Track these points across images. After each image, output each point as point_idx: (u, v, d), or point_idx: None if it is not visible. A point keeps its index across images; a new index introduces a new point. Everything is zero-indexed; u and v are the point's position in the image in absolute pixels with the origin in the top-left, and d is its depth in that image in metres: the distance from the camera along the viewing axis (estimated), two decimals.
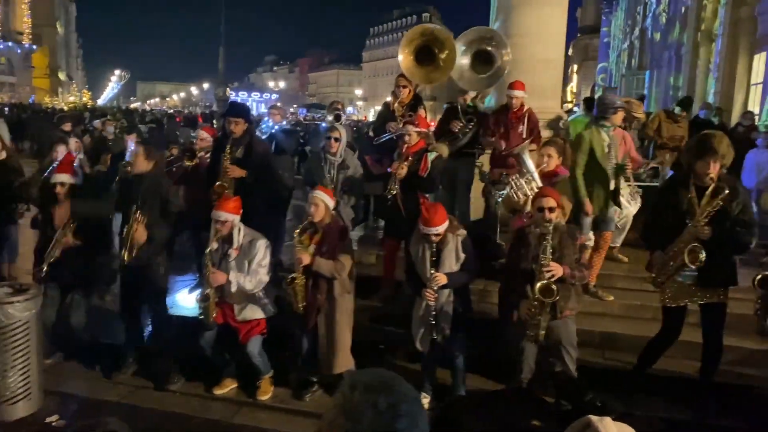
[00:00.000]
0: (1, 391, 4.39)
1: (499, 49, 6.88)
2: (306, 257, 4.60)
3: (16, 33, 47.64)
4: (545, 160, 5.31)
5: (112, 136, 10.85)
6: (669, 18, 22.12)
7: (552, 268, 4.18)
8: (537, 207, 4.41)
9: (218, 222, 4.66)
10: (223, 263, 4.73)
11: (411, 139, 5.54)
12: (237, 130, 5.74)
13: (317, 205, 4.68)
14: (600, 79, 39.47)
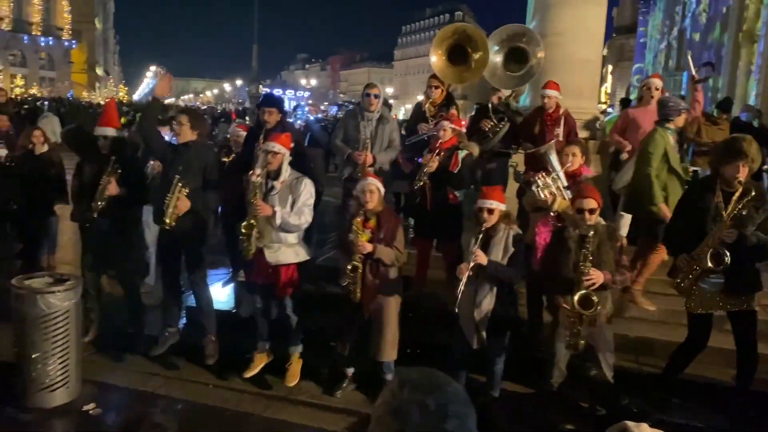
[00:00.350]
0: (41, 379, 4.49)
1: (532, 47, 6.80)
2: (368, 245, 4.55)
3: (56, 29, 48.76)
4: (570, 159, 5.24)
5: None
6: (709, 18, 21.63)
7: (593, 277, 4.09)
8: (577, 208, 4.29)
9: (270, 153, 4.68)
10: (267, 198, 4.72)
11: (445, 134, 5.51)
12: (271, 120, 5.78)
13: (372, 192, 4.63)
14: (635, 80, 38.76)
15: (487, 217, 4.43)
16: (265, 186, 4.75)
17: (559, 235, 4.42)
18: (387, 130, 6.03)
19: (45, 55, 48.51)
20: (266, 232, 4.77)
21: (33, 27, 45.99)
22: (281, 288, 4.86)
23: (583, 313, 4.09)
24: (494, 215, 4.45)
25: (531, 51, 6.74)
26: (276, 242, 4.78)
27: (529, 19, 8.45)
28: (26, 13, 45.44)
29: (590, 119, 7.68)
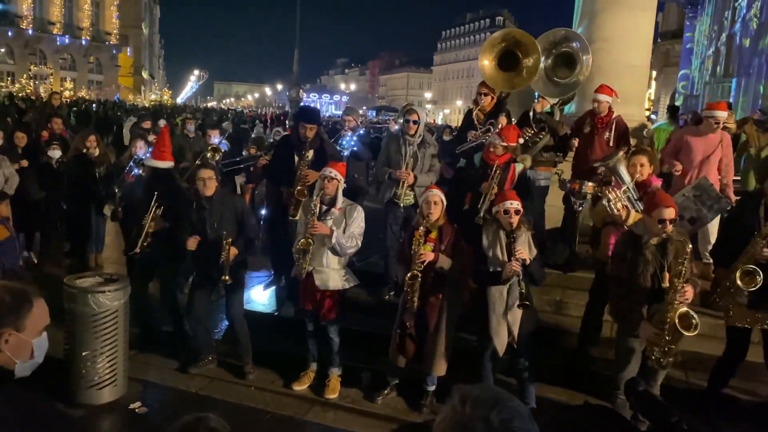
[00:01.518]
0: (90, 376, 4.61)
1: (580, 52, 6.63)
2: (431, 254, 4.55)
3: (104, 34, 50.19)
4: (638, 169, 5.09)
5: (193, 134, 11.29)
6: (761, 23, 20.99)
7: (687, 293, 3.93)
8: (658, 218, 4.07)
9: (326, 179, 4.79)
10: (321, 221, 4.80)
11: (497, 151, 5.44)
12: (311, 135, 5.88)
13: (435, 203, 4.62)
14: (681, 87, 37.89)
15: (514, 217, 4.42)
16: (319, 209, 4.84)
17: (635, 245, 4.22)
18: (428, 154, 6.04)
19: (93, 59, 49.96)
20: (317, 255, 4.86)
21: (83, 32, 47.44)
22: (325, 312, 4.96)
23: (681, 330, 3.93)
24: (518, 216, 4.46)
25: (579, 56, 6.60)
26: (325, 267, 4.87)
27: (576, 24, 8.33)
28: (77, 19, 46.89)
29: (637, 126, 7.52)
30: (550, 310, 5.89)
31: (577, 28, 8.15)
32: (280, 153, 6.32)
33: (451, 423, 1.15)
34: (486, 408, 1.14)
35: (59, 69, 45.88)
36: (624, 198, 4.93)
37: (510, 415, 1.14)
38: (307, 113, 6.40)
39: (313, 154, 5.83)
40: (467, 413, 1.14)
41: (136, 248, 5.29)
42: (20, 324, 1.89)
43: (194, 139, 10.76)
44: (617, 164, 5.21)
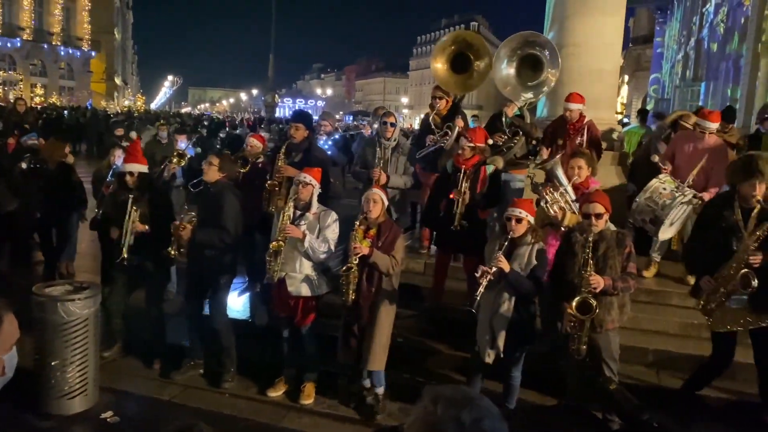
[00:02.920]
0: (60, 386, 4.53)
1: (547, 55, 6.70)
2: (365, 248, 4.58)
3: (76, 39, 49.42)
4: (576, 171, 5.20)
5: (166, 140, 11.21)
6: (727, 28, 21.46)
7: (593, 282, 4.10)
8: (584, 213, 4.33)
9: (302, 183, 4.80)
10: (295, 225, 4.80)
11: (465, 153, 5.49)
12: (298, 136, 5.94)
13: (375, 201, 4.68)
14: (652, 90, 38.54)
15: (515, 226, 4.42)
16: (293, 214, 4.83)
17: (567, 240, 4.41)
18: (401, 159, 6.12)
19: (65, 64, 49.19)
20: (289, 260, 4.85)
21: (53, 37, 46.68)
22: (300, 319, 4.96)
23: (582, 318, 4.10)
24: (522, 225, 4.44)
25: (545, 58, 6.67)
26: (297, 272, 4.86)
27: (547, 29, 8.43)
28: (47, 24, 46.10)
29: (607, 130, 7.62)
30: None
31: (548, 33, 8.24)
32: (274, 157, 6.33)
33: (422, 423, 1.16)
34: (457, 408, 1.16)
35: (29, 75, 45.06)
36: (560, 199, 5.04)
37: (481, 415, 1.16)
38: (297, 114, 6.51)
39: (302, 156, 5.89)
40: (438, 413, 1.16)
41: (122, 254, 5.21)
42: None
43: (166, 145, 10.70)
44: (554, 167, 5.33)
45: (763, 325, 4.33)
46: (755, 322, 4.33)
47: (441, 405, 1.16)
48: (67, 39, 48.34)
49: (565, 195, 5.14)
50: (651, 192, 5.62)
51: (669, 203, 5.49)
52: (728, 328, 4.42)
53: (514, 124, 6.56)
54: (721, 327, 4.44)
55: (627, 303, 4.41)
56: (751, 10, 18.04)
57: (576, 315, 4.13)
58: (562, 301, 4.34)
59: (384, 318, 4.74)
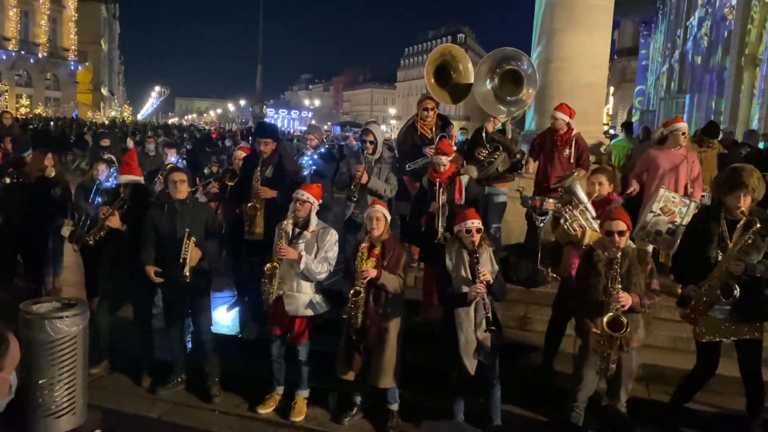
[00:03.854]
0: (47, 405, 4.45)
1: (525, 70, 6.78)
2: (372, 271, 4.54)
3: (62, 50, 49.13)
4: (596, 188, 5.22)
5: (153, 153, 11.16)
6: (711, 42, 21.76)
7: (622, 299, 4.06)
8: (606, 231, 4.27)
9: (299, 201, 4.74)
10: (293, 245, 4.75)
11: (444, 168, 5.53)
12: (267, 150, 5.84)
13: (378, 219, 4.64)
14: (638, 102, 38.97)
15: (476, 236, 4.45)
16: (291, 232, 4.78)
17: (589, 258, 4.36)
18: (384, 169, 6.16)
19: (51, 75, 48.88)
20: (287, 279, 4.81)
21: (39, 48, 46.40)
22: (296, 336, 4.92)
23: (612, 335, 4.04)
24: (480, 234, 4.49)
25: (525, 74, 6.73)
26: (296, 292, 4.82)
27: (534, 43, 8.52)
28: (33, 35, 45.81)
29: (596, 144, 7.70)
30: (514, 326, 5.94)
31: (536, 47, 8.34)
32: (244, 174, 6.29)
33: None
34: None
35: (14, 85, 44.72)
36: (580, 217, 5.04)
37: None
38: (261, 129, 6.35)
39: (272, 170, 5.81)
40: None
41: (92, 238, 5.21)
42: (1, 364, 1.88)
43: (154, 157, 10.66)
44: (573, 184, 5.34)
45: (746, 337, 4.36)
46: (738, 332, 4.37)
47: None
48: (54, 49, 48.05)
49: (585, 212, 5.12)
50: (663, 201, 5.62)
51: (685, 210, 5.52)
52: (711, 338, 4.45)
53: (494, 139, 6.60)
54: (705, 337, 4.47)
55: (651, 321, 4.40)
56: (734, 24, 18.32)
57: (607, 332, 4.05)
58: (585, 320, 4.31)
59: (393, 336, 4.72)
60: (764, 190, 4.42)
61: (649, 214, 5.61)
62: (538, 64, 8.15)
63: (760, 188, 4.31)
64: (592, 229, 4.98)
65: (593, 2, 7.81)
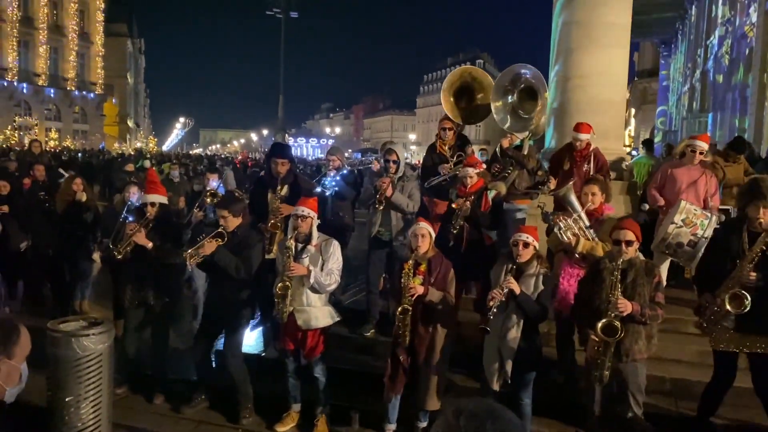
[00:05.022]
0: (73, 422, 4.50)
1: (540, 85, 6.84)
2: (419, 287, 4.51)
3: (90, 83, 50.52)
4: (589, 198, 5.23)
5: (178, 179, 11.40)
6: (732, 60, 21.63)
7: (621, 306, 4.05)
8: (614, 239, 4.28)
9: (299, 217, 4.77)
10: (298, 260, 4.78)
11: (471, 180, 5.57)
12: (282, 170, 5.95)
13: (423, 236, 4.62)
14: (659, 123, 38.68)
15: (522, 250, 4.42)
16: (295, 248, 4.82)
17: (595, 268, 4.36)
18: (407, 186, 6.18)
19: (78, 108, 50.17)
20: (297, 295, 4.84)
21: (68, 82, 47.75)
22: (309, 350, 4.92)
23: (606, 340, 4.04)
24: (528, 250, 4.45)
25: (539, 88, 6.80)
26: (306, 306, 4.84)
27: (552, 62, 8.55)
28: (62, 70, 47.23)
29: (616, 160, 7.65)
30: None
31: (554, 66, 8.36)
32: (255, 193, 6.38)
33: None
34: (480, 420, 1.16)
35: (44, 119, 45.94)
36: (574, 226, 5.04)
37: (504, 427, 1.15)
38: (278, 149, 6.48)
39: (288, 189, 5.88)
40: (462, 426, 1.15)
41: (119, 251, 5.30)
42: (11, 351, 1.96)
43: (179, 183, 10.88)
44: (567, 193, 5.35)
45: (758, 351, 4.30)
46: (751, 344, 4.32)
47: (464, 418, 1.16)
48: (81, 83, 49.38)
49: (579, 221, 5.14)
50: (685, 213, 5.57)
51: (707, 222, 5.46)
52: (726, 347, 4.42)
53: (508, 154, 6.65)
54: (721, 345, 4.43)
55: (655, 334, 4.34)
56: (755, 41, 18.20)
57: (600, 337, 4.07)
58: (586, 328, 4.30)
59: (441, 358, 4.68)
60: None
61: (671, 225, 5.54)
62: (557, 82, 8.18)
63: None
64: (586, 238, 5.01)
65: (610, 20, 7.83)
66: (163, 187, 5.74)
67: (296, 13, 34.37)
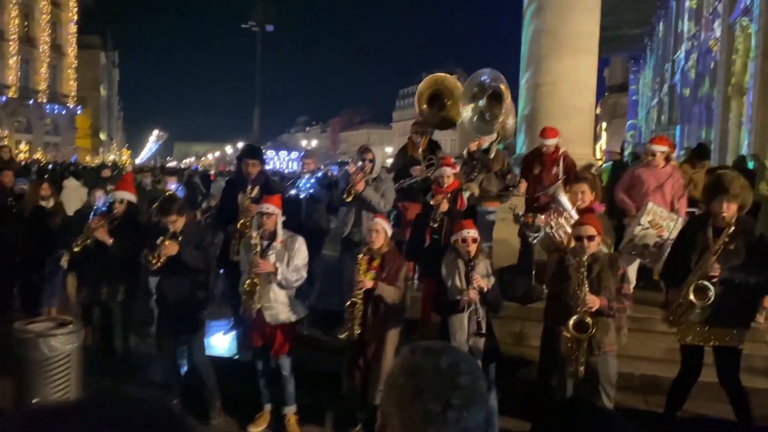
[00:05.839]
0: None
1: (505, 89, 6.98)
2: (368, 281, 4.57)
3: (62, 96, 49.81)
4: (579, 197, 5.33)
5: (150, 187, 11.39)
6: (698, 73, 22.21)
7: (589, 301, 4.12)
8: (575, 236, 4.39)
9: (264, 215, 4.79)
10: (264, 257, 4.79)
11: (448, 180, 5.64)
12: (254, 171, 5.98)
13: (378, 231, 4.70)
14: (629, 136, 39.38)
15: (471, 246, 4.50)
16: (260, 245, 4.84)
17: (560, 264, 4.47)
18: (381, 186, 6.26)
19: (50, 121, 49.43)
20: (264, 292, 4.85)
21: (39, 94, 47.04)
22: (278, 347, 4.91)
23: (578, 337, 4.11)
24: (476, 244, 4.54)
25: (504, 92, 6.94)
26: (273, 302, 4.86)
27: (523, 70, 8.71)
28: (33, 82, 46.52)
29: (586, 165, 7.80)
30: (511, 342, 5.93)
31: (524, 74, 8.53)
32: (226, 195, 6.39)
33: (403, 370, 1.21)
34: (435, 354, 1.21)
35: (14, 132, 45.15)
36: (566, 224, 5.13)
37: (457, 359, 1.21)
38: (249, 150, 6.50)
39: (258, 190, 5.90)
40: (417, 360, 1.20)
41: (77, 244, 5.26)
42: None
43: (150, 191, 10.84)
44: (557, 192, 5.44)
45: (724, 344, 4.39)
46: (716, 338, 4.41)
47: (419, 353, 1.21)
48: (53, 96, 48.70)
49: (570, 220, 5.21)
50: (652, 215, 5.69)
51: (672, 224, 5.59)
52: (692, 341, 4.51)
53: (475, 158, 6.76)
54: (686, 338, 4.53)
55: (624, 326, 4.46)
56: (720, 55, 18.73)
57: (573, 334, 4.14)
58: (558, 324, 4.37)
59: (390, 352, 4.71)
60: (751, 198, 4.50)
61: (637, 227, 5.67)
62: (527, 89, 8.34)
63: (743, 196, 4.38)
64: None
65: (579, 28, 8.02)
66: (133, 186, 5.70)
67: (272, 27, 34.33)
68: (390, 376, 1.23)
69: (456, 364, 1.19)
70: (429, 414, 1.14)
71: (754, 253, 4.30)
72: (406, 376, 1.18)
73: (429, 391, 1.15)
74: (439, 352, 1.20)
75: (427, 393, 1.15)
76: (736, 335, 4.40)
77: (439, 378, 1.16)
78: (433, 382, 1.16)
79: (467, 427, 1.16)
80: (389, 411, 1.21)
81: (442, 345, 1.24)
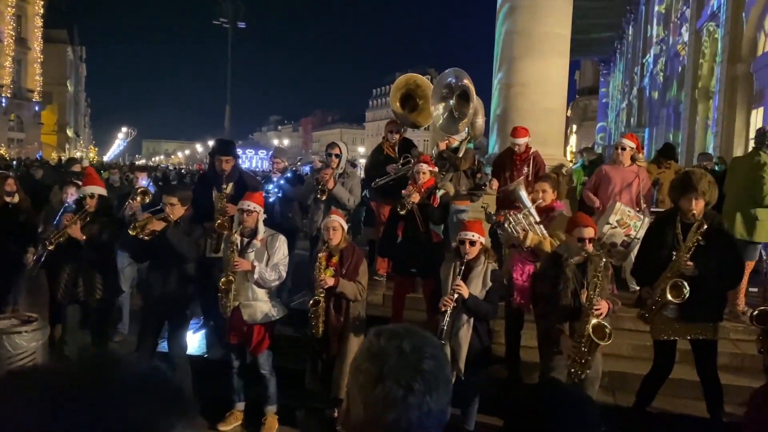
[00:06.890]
0: None
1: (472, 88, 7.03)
2: (329, 279, 4.58)
3: (27, 91, 48.67)
4: (540, 195, 5.39)
5: (118, 183, 11.24)
6: (666, 77, 22.66)
7: (601, 307, 4.14)
8: (577, 237, 4.35)
9: (245, 212, 4.74)
10: (243, 255, 4.75)
11: (424, 176, 5.63)
12: (227, 168, 5.88)
13: (335, 228, 4.72)
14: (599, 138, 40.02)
15: (469, 249, 4.49)
16: (240, 243, 4.79)
17: (556, 264, 4.42)
18: (348, 183, 6.28)
19: (14, 116, 48.27)
20: (242, 290, 4.81)
21: (3, 89, 45.91)
22: (256, 346, 4.87)
23: (595, 341, 4.11)
24: (475, 247, 4.54)
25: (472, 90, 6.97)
26: (252, 300, 4.81)
27: (495, 71, 8.79)
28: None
29: (557, 165, 7.90)
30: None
31: (497, 74, 8.60)
32: (198, 191, 6.27)
33: (367, 354, 1.20)
34: (399, 338, 1.20)
35: None
36: (523, 221, 5.19)
37: (421, 343, 1.20)
38: (222, 146, 6.35)
39: (233, 187, 5.82)
40: (381, 344, 1.20)
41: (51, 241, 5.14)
42: None
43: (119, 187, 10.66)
44: (517, 188, 5.51)
45: (700, 337, 4.49)
46: (690, 332, 4.51)
47: (384, 337, 1.21)
48: (18, 91, 47.57)
49: (528, 216, 5.27)
50: (620, 214, 5.78)
51: (639, 224, 5.68)
52: (666, 337, 4.59)
53: (443, 157, 6.80)
54: (660, 334, 4.60)
55: None
56: (687, 59, 19.12)
57: (590, 338, 4.12)
58: (555, 324, 4.37)
59: (354, 346, 4.71)
60: (717, 195, 4.61)
61: (605, 226, 5.75)
62: (499, 89, 8.41)
63: (711, 192, 4.49)
64: (535, 232, 5.16)
65: (551, 30, 8.13)
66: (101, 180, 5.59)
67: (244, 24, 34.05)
68: (355, 360, 1.23)
69: (419, 348, 1.18)
70: (391, 398, 1.13)
71: (723, 248, 4.41)
72: (370, 360, 1.18)
73: (391, 375, 1.14)
74: (402, 335, 1.20)
75: (389, 377, 1.14)
76: (712, 328, 4.51)
77: (402, 362, 1.16)
78: (395, 367, 1.15)
79: (430, 411, 1.15)
80: (353, 394, 1.20)
81: (406, 329, 1.23)
